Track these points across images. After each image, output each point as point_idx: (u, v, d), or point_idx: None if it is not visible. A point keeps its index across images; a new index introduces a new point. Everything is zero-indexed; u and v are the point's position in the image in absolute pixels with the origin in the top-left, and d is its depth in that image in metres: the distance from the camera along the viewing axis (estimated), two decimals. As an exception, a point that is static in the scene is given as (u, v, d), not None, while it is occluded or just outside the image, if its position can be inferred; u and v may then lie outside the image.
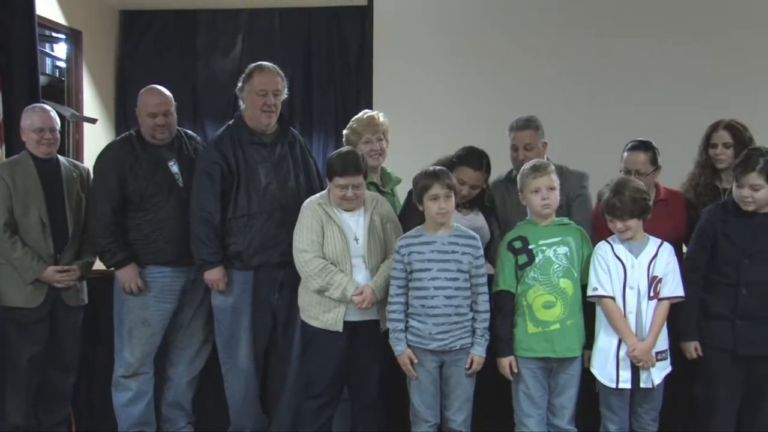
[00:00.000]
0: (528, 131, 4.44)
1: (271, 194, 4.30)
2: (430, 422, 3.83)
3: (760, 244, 3.77)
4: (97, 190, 4.46)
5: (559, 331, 3.75)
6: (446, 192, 3.75)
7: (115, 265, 4.38)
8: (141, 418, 4.48)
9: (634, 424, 3.82)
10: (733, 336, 3.78)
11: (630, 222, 3.71)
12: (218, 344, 4.44)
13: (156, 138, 4.46)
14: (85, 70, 8.29)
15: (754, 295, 3.77)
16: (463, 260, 3.78)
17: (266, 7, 8.60)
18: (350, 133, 4.52)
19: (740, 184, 3.76)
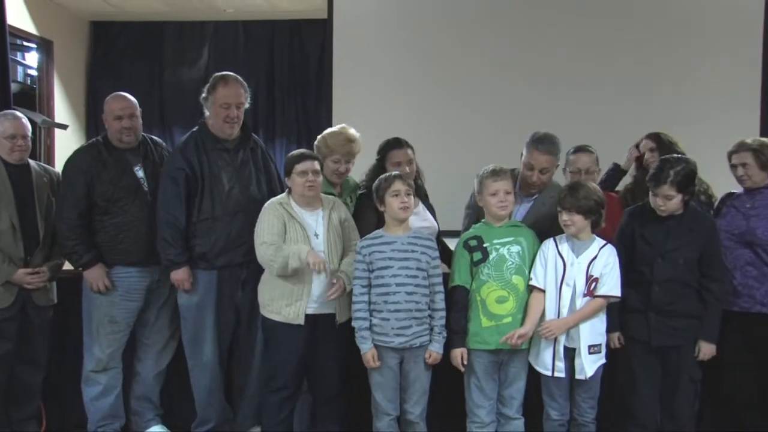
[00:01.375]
0: (550, 156, 4.16)
1: (233, 198, 4.30)
2: (391, 415, 3.86)
3: (672, 244, 3.85)
4: (65, 194, 4.40)
5: (511, 324, 3.78)
6: (406, 189, 3.82)
7: (83, 265, 4.35)
8: (110, 411, 4.46)
9: (574, 411, 3.86)
10: (648, 328, 3.86)
11: (575, 217, 3.76)
12: (184, 340, 4.43)
13: (122, 141, 4.43)
14: (56, 78, 8.30)
15: (665, 291, 3.85)
16: (422, 259, 3.83)
17: (231, 19, 8.65)
18: (323, 145, 4.44)
19: (655, 194, 3.85)
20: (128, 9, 8.42)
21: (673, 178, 3.77)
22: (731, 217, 4.19)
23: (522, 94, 6.18)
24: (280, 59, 8.73)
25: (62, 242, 4.39)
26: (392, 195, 3.81)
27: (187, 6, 8.27)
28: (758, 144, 4.16)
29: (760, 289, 4.08)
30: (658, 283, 3.85)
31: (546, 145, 4.15)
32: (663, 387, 3.96)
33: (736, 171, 4.19)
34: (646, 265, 3.88)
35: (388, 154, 4.35)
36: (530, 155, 4.17)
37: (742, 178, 4.18)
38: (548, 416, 3.87)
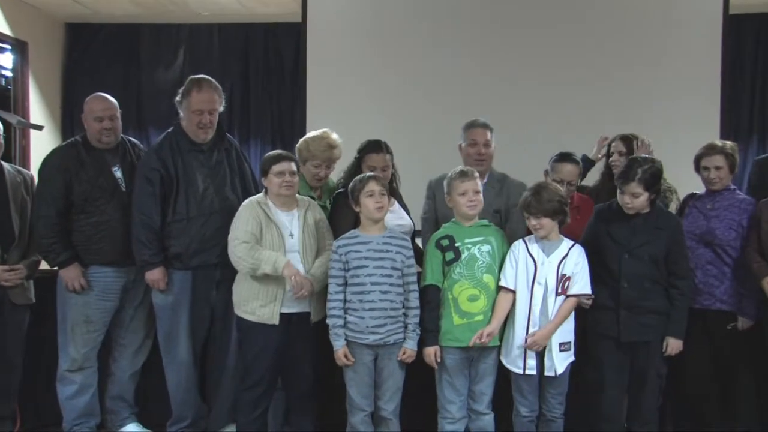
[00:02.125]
0: (486, 130, 4.42)
1: (208, 198, 4.27)
2: (365, 411, 3.85)
3: (638, 241, 3.88)
4: (43, 192, 4.34)
5: (483, 322, 3.79)
6: (380, 189, 3.82)
7: (59, 264, 4.29)
8: (85, 410, 4.41)
9: (543, 407, 3.87)
10: (618, 325, 3.88)
11: (543, 220, 3.76)
12: (159, 339, 4.40)
13: (102, 142, 4.40)
14: (31, 79, 8.20)
15: (633, 288, 3.87)
16: (397, 258, 3.82)
17: (206, 22, 8.58)
18: (304, 149, 4.40)
19: (622, 192, 3.87)
20: (104, 11, 8.32)
21: (640, 176, 3.79)
22: (693, 217, 4.23)
23: (492, 95, 6.18)
24: (255, 62, 8.69)
25: (39, 240, 4.33)
26: (367, 195, 3.81)
27: (163, 9, 8.19)
28: (729, 147, 4.22)
29: (720, 287, 4.13)
30: (627, 279, 3.87)
31: (479, 122, 4.43)
32: (630, 382, 3.98)
33: (708, 173, 4.21)
34: (614, 263, 3.89)
35: (366, 157, 4.33)
36: (469, 134, 4.40)
37: (714, 181, 4.20)
38: (518, 412, 3.88)
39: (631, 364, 3.95)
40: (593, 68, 6.18)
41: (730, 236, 4.13)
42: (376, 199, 3.80)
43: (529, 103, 6.17)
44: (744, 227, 4.13)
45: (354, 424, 3.87)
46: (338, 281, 3.83)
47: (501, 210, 4.28)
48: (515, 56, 6.29)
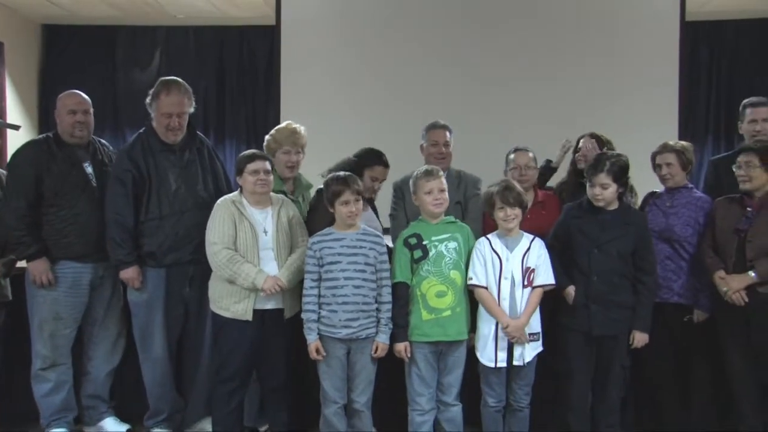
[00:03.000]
0: (445, 131, 4.52)
1: (180, 197, 4.25)
2: (338, 403, 3.84)
3: (607, 236, 3.90)
4: (13, 185, 4.26)
5: (450, 317, 3.79)
6: (355, 197, 3.80)
7: (28, 257, 4.22)
8: (62, 405, 4.35)
9: (510, 397, 3.89)
10: (589, 319, 3.90)
11: (516, 210, 3.80)
12: (135, 336, 4.36)
13: (75, 136, 4.34)
14: (7, 80, 8.11)
15: (603, 282, 3.89)
16: (370, 254, 3.82)
17: (182, 24, 8.53)
18: (272, 140, 4.45)
19: (592, 184, 3.90)
20: (80, 13, 8.24)
21: (609, 167, 3.85)
22: (653, 214, 4.25)
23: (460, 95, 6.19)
24: (230, 63, 8.66)
25: (9, 232, 4.25)
26: (342, 204, 3.80)
27: (139, 11, 8.14)
28: (680, 146, 4.27)
29: (678, 281, 4.16)
30: (596, 274, 3.89)
31: (439, 124, 4.55)
32: (596, 374, 4.00)
33: (660, 170, 4.27)
34: (584, 257, 3.91)
35: (374, 167, 4.30)
36: (431, 135, 4.53)
37: (666, 177, 4.26)
38: (486, 403, 3.89)
39: (597, 357, 3.98)
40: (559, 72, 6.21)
41: (687, 233, 4.16)
42: (350, 208, 3.79)
43: (496, 102, 6.20)
44: (700, 224, 4.16)
45: (327, 416, 3.86)
46: (313, 276, 3.81)
47: (461, 201, 4.34)
48: (482, 58, 6.31)
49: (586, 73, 6.15)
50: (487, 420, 3.92)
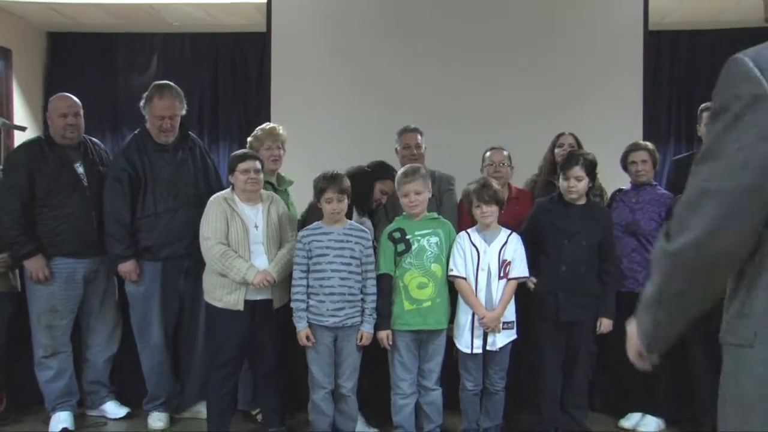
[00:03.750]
0: (415, 134, 4.51)
1: (174, 195, 4.21)
2: (326, 388, 3.81)
3: (576, 228, 3.90)
4: (7, 186, 4.16)
5: (431, 307, 3.76)
6: (338, 196, 3.74)
7: (24, 256, 4.12)
8: (65, 390, 4.29)
9: (486, 381, 3.87)
10: (557, 306, 3.89)
11: (492, 208, 3.78)
12: (133, 326, 4.32)
13: (66, 137, 4.24)
14: (15, 84, 8.08)
15: (571, 271, 3.89)
16: (356, 248, 3.78)
17: (177, 32, 8.48)
18: (254, 140, 4.44)
19: (566, 177, 3.92)
20: (83, 21, 8.20)
21: (582, 162, 3.90)
22: (620, 210, 4.26)
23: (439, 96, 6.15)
24: (223, 68, 8.63)
25: (5, 233, 4.14)
26: (326, 201, 3.76)
27: (137, 19, 8.09)
28: (651, 146, 4.30)
29: (642, 272, 4.14)
30: (565, 263, 3.89)
31: (410, 128, 4.54)
32: (565, 359, 4.01)
33: (635, 167, 4.27)
34: (555, 248, 3.91)
35: (385, 180, 4.23)
36: (403, 139, 4.52)
37: (640, 173, 4.26)
38: (464, 387, 3.88)
39: (566, 343, 3.98)
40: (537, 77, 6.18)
41: (651, 227, 4.16)
42: (333, 206, 3.75)
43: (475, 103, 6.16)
44: (663, 219, 4.16)
45: (315, 400, 3.82)
46: (302, 268, 3.78)
47: (435, 195, 4.29)
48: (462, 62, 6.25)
49: (558, 77, 6.14)
50: (465, 403, 3.90)
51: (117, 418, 4.42)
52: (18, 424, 4.31)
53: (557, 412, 4.00)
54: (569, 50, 6.17)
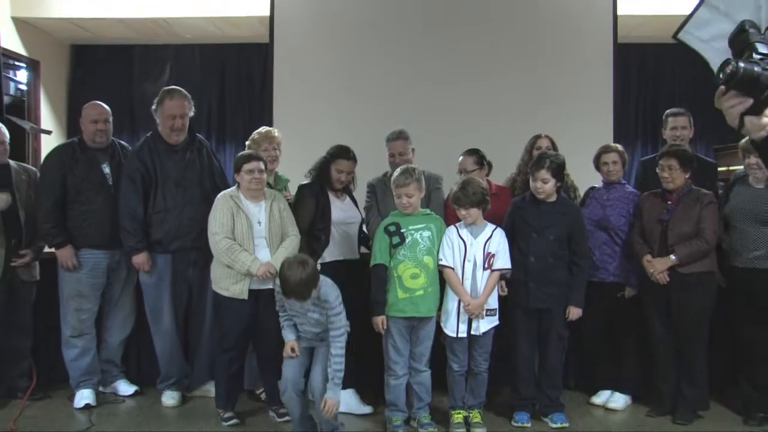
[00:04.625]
0: (400, 141, 4.39)
1: (183, 192, 4.18)
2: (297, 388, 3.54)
3: (544, 223, 3.87)
4: (43, 185, 4.25)
5: (423, 296, 3.72)
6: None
7: (56, 246, 4.19)
8: (88, 369, 4.28)
9: (471, 363, 3.83)
10: (527, 295, 3.86)
11: (471, 210, 3.73)
12: (147, 313, 4.30)
13: (96, 141, 4.30)
14: (42, 92, 8.14)
15: (539, 262, 3.85)
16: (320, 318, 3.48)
17: (188, 43, 8.47)
18: (252, 143, 4.38)
19: (534, 178, 3.88)
20: (103, 35, 8.21)
21: (548, 165, 3.84)
22: (592, 206, 4.23)
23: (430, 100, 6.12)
24: (230, 76, 8.63)
25: (40, 225, 4.22)
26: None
27: (152, 32, 8.09)
28: (621, 148, 4.26)
29: (612, 263, 4.14)
30: (534, 255, 3.85)
31: (394, 134, 4.40)
32: (539, 343, 3.98)
33: (606, 167, 4.23)
34: (525, 241, 3.87)
35: (336, 160, 4.11)
36: (388, 147, 4.39)
37: (611, 173, 4.22)
38: (451, 368, 3.84)
39: (538, 328, 3.95)
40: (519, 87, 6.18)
41: (621, 222, 4.13)
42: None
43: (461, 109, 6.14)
44: (631, 215, 4.13)
45: (285, 399, 3.58)
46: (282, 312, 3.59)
47: (427, 194, 4.17)
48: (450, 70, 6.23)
49: (537, 84, 6.13)
50: (451, 382, 3.86)
51: (127, 395, 4.40)
52: (47, 399, 4.30)
53: (533, 390, 3.98)
54: (547, 60, 6.18)
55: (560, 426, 3.87)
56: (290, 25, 6.43)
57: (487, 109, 6.08)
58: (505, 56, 6.19)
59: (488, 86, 6.15)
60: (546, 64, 6.18)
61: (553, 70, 6.16)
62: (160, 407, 4.22)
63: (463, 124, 5.97)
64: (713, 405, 4.10)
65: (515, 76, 6.14)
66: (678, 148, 4.01)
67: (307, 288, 3.30)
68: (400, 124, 4.61)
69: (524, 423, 3.89)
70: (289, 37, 6.44)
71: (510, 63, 6.17)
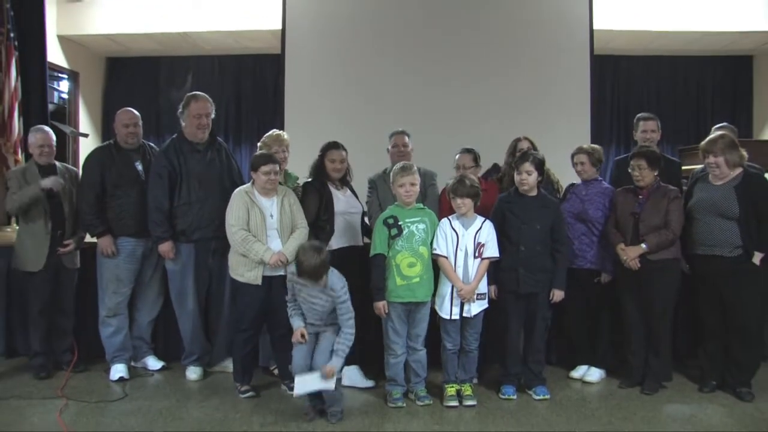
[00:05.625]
0: (403, 136, 4.43)
1: (204, 187, 4.15)
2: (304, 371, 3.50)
3: (530, 215, 3.84)
4: (85, 181, 4.28)
5: (419, 283, 3.68)
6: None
7: (97, 235, 4.23)
8: (121, 346, 4.29)
9: (463, 342, 3.80)
10: (518, 281, 3.82)
11: (465, 200, 3.71)
12: (172, 296, 4.28)
13: (128, 143, 4.32)
14: (81, 100, 8.24)
15: (529, 250, 3.82)
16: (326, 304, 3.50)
17: (208, 54, 8.47)
18: (263, 145, 4.32)
19: (519, 171, 3.85)
20: (133, 48, 8.23)
21: (532, 159, 3.84)
22: (572, 201, 4.19)
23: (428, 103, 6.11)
24: (245, 84, 8.61)
25: (83, 217, 4.26)
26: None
27: (176, 45, 8.09)
28: (590, 148, 4.20)
29: (590, 252, 4.10)
30: (524, 244, 3.81)
31: (399, 131, 4.46)
32: (525, 324, 3.94)
33: (577, 167, 4.21)
34: (515, 231, 3.83)
35: (327, 153, 4.11)
36: (393, 140, 4.42)
37: (582, 172, 4.20)
38: (444, 347, 3.81)
39: (525, 311, 3.91)
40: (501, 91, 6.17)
41: (598, 215, 4.09)
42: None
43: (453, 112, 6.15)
44: (607, 208, 4.10)
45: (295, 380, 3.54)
46: (290, 298, 3.57)
47: (421, 189, 4.13)
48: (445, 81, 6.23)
49: (522, 90, 6.13)
50: (445, 360, 3.83)
51: (155, 369, 4.39)
52: (86, 372, 4.32)
53: (519, 367, 3.95)
54: (531, 69, 6.18)
55: (542, 397, 3.84)
56: (300, 37, 6.43)
57: (477, 113, 6.08)
58: (494, 66, 6.21)
59: (478, 93, 6.16)
60: (530, 72, 6.18)
61: (536, 78, 6.16)
62: (185, 381, 4.20)
63: (457, 126, 5.97)
64: (675, 377, 4.11)
65: (504, 83, 6.14)
66: (647, 150, 4.00)
67: (321, 270, 3.39)
68: (401, 125, 4.58)
69: (510, 395, 3.87)
70: (300, 48, 6.45)
71: (498, 71, 6.18)
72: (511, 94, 6.11)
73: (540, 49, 6.19)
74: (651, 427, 3.43)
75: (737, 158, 3.85)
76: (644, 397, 3.87)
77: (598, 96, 7.27)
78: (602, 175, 4.39)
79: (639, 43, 7.83)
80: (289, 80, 6.40)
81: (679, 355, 4.31)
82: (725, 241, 3.79)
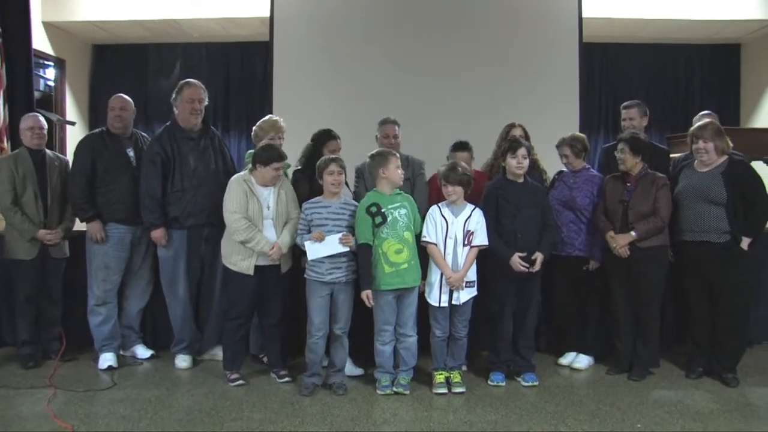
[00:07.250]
0: (392, 125, 4.40)
1: (197, 174, 4.13)
2: (321, 331, 3.73)
3: (524, 202, 3.85)
4: (76, 167, 4.26)
5: (407, 268, 3.67)
6: (339, 170, 3.71)
7: (86, 219, 4.22)
8: (110, 335, 4.27)
9: (452, 329, 3.81)
10: (513, 266, 3.82)
11: (456, 188, 3.71)
12: (163, 283, 4.26)
13: (114, 127, 4.30)
14: (67, 87, 8.17)
15: (524, 236, 3.83)
16: (350, 220, 3.71)
17: (196, 42, 8.41)
18: (258, 130, 4.30)
19: (514, 156, 3.85)
20: (121, 35, 8.15)
21: (526, 145, 3.89)
22: (560, 189, 4.19)
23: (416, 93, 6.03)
24: (233, 72, 8.59)
25: (73, 201, 4.25)
26: (329, 174, 3.70)
27: (164, 33, 8.02)
28: (571, 139, 4.19)
29: (578, 239, 4.11)
30: (520, 231, 3.83)
31: (389, 119, 4.41)
32: (517, 309, 3.94)
33: (561, 159, 4.23)
34: (510, 218, 3.84)
35: (327, 143, 4.11)
36: (383, 129, 4.38)
37: (567, 165, 4.22)
38: (434, 334, 3.82)
39: (518, 296, 3.92)
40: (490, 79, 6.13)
41: (586, 202, 4.10)
42: (335, 177, 3.69)
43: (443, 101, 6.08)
44: (595, 196, 4.11)
45: (311, 344, 3.74)
46: (302, 232, 3.73)
47: (410, 178, 4.24)
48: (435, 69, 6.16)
49: (512, 78, 6.09)
50: (434, 347, 3.84)
51: (144, 358, 4.38)
52: (75, 361, 4.31)
53: (510, 353, 3.96)
54: (520, 58, 6.15)
55: (531, 384, 3.86)
56: (288, 25, 6.35)
57: (468, 102, 6.04)
58: (484, 55, 6.16)
59: (469, 82, 6.11)
60: (518, 60, 6.15)
61: (526, 67, 6.14)
62: (174, 369, 4.19)
63: (446, 115, 5.93)
64: (663, 364, 4.14)
65: (492, 72, 6.10)
66: (630, 136, 4.02)
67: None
68: (389, 113, 4.55)
69: (499, 382, 3.88)
70: (288, 36, 6.37)
71: (488, 60, 6.13)
72: (499, 81, 6.09)
73: (529, 38, 6.17)
74: (638, 413, 3.45)
75: (725, 145, 3.88)
76: (632, 384, 3.90)
77: (586, 84, 7.29)
78: (590, 163, 4.40)
79: (627, 32, 7.86)
80: (277, 68, 6.34)
81: (666, 342, 4.34)
82: (713, 226, 3.82)
